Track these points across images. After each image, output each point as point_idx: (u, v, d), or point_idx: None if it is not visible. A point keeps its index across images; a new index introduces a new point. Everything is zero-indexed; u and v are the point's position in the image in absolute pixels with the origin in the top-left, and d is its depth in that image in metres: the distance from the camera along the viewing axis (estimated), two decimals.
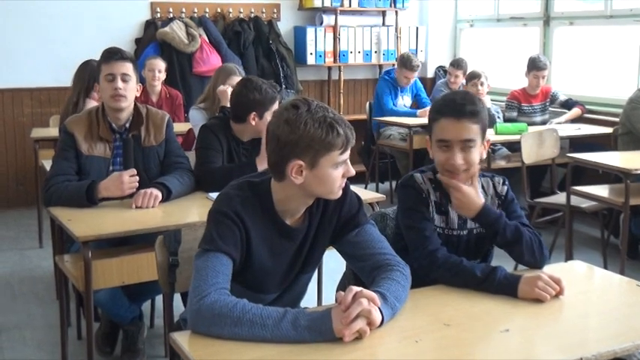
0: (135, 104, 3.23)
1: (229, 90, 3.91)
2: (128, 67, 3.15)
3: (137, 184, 3.05)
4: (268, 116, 3.24)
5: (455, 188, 2.17)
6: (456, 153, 2.14)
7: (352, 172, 1.94)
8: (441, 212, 2.26)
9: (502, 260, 2.25)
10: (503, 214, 2.21)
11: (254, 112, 3.28)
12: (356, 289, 1.72)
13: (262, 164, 3.11)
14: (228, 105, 3.52)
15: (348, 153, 1.90)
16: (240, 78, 4.13)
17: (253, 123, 3.31)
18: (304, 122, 1.84)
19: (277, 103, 3.29)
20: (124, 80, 3.13)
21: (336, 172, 1.90)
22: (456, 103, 2.14)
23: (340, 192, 1.96)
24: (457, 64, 6.69)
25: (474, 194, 2.18)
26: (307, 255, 2.06)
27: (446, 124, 2.14)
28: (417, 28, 7.74)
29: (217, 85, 4.30)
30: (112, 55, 3.15)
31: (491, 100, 6.17)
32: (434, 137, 2.19)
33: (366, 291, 1.72)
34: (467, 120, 2.12)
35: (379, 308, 1.72)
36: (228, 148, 3.35)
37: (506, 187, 2.32)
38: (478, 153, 2.16)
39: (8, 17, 6.18)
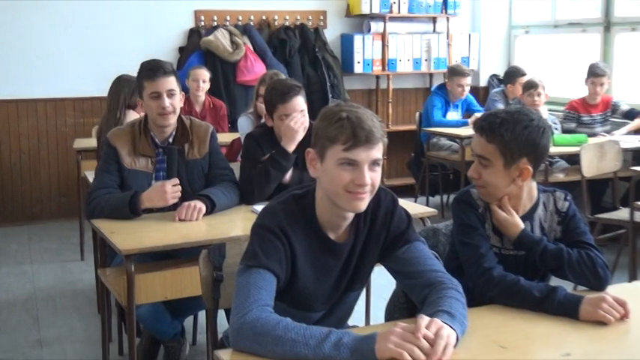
0: (179, 116, 3.26)
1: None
2: (172, 82, 3.17)
3: (180, 193, 3.08)
4: (281, 115, 3.26)
5: (493, 211, 2.22)
6: (474, 165, 2.21)
7: (363, 180, 1.86)
8: (496, 231, 2.24)
9: (562, 279, 2.21)
10: (543, 239, 2.21)
11: (267, 113, 3.34)
12: (427, 319, 1.68)
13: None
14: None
15: (358, 155, 1.84)
16: None
17: (270, 124, 3.34)
18: (322, 115, 1.90)
19: (291, 101, 3.26)
20: (170, 96, 3.16)
21: (342, 172, 1.85)
22: (486, 116, 2.20)
23: (359, 204, 1.89)
24: (519, 72, 6.58)
25: (510, 219, 2.20)
26: (354, 272, 2.05)
27: (475, 137, 2.23)
28: (470, 34, 7.69)
29: (258, 93, 4.34)
30: (154, 71, 3.15)
31: (549, 111, 6.08)
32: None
33: (437, 320, 1.69)
34: (482, 136, 2.16)
35: (450, 326, 1.69)
36: None
37: (567, 203, 2.29)
38: (495, 175, 2.16)
39: (52, 27, 6.34)
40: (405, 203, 2.17)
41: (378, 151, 1.87)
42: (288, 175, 3.30)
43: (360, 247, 2.03)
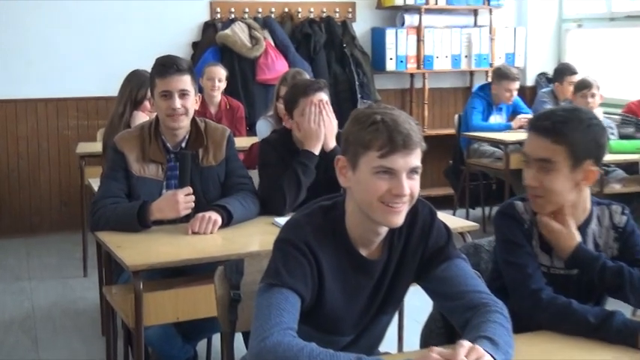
0: (192, 118, 3.28)
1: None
2: (186, 81, 3.19)
3: (193, 203, 3.10)
4: (303, 110, 3.28)
5: (543, 223, 2.19)
6: (531, 172, 2.16)
7: (403, 190, 1.86)
8: (545, 248, 2.23)
9: (620, 303, 2.19)
10: (602, 255, 2.19)
11: (287, 113, 3.36)
12: (468, 344, 1.68)
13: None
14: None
15: (395, 162, 1.84)
16: None
17: (288, 125, 3.36)
18: (353, 117, 1.91)
19: (314, 95, 3.28)
20: (182, 97, 3.17)
21: (378, 181, 1.85)
22: (545, 115, 2.17)
23: (395, 218, 1.89)
24: (569, 71, 6.55)
25: (564, 232, 2.17)
26: (387, 293, 2.05)
27: (529, 138, 2.19)
28: (515, 29, 7.66)
29: (279, 93, 4.36)
30: (166, 68, 3.17)
31: (604, 114, 6.02)
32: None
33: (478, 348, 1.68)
34: (547, 137, 2.12)
35: (493, 355, 1.69)
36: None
37: (625, 217, 2.27)
38: (560, 180, 2.13)
39: (53, 21, 6.40)
40: (442, 216, 2.16)
41: (416, 158, 1.87)
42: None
43: (394, 265, 2.03)
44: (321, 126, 3.27)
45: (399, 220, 1.91)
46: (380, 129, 1.84)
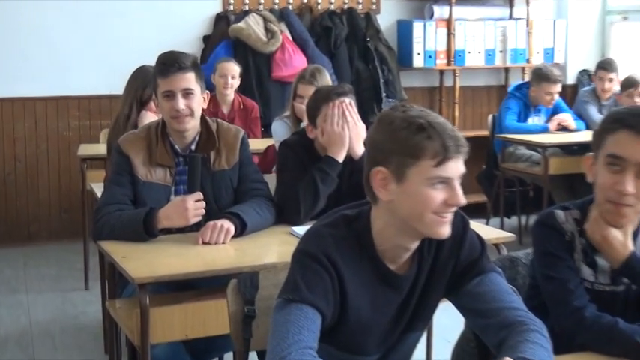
0: (203, 118, 3.29)
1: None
2: (190, 79, 3.19)
3: (204, 211, 3.11)
4: (326, 116, 3.28)
5: (596, 228, 2.16)
6: (627, 177, 2.09)
7: (460, 199, 1.88)
8: (589, 262, 2.22)
9: None
10: None
11: (309, 121, 3.37)
12: None
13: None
14: (305, 122, 3.58)
15: (450, 169, 1.86)
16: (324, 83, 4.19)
17: (312, 136, 3.37)
18: (391, 121, 1.88)
19: (338, 100, 3.29)
20: (186, 96, 3.18)
21: (433, 193, 1.86)
22: (637, 113, 2.11)
23: (446, 229, 1.92)
24: (608, 65, 6.53)
25: (619, 239, 2.15)
26: (416, 308, 2.05)
27: (625, 138, 2.09)
28: (554, 21, 7.64)
29: (296, 91, 4.36)
30: (167, 66, 3.17)
31: None
32: (603, 152, 2.14)
33: None
34: None
35: None
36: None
37: None
38: None
39: (53, 13, 6.42)
40: (475, 226, 2.16)
41: (463, 163, 1.89)
42: None
43: (424, 280, 2.03)
44: (346, 130, 3.27)
45: (449, 230, 1.92)
46: (432, 135, 1.84)
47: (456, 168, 1.86)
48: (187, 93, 3.18)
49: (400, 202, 1.90)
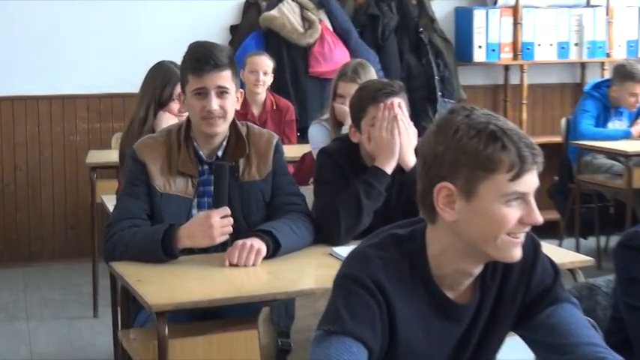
0: (232, 121, 3.29)
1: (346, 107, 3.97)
2: (226, 77, 3.20)
3: (231, 228, 3.11)
4: (372, 119, 3.29)
5: None
6: None
7: (537, 218, 1.88)
8: None
9: None
10: None
11: (353, 124, 3.38)
12: None
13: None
14: (348, 125, 3.59)
15: (527, 183, 1.86)
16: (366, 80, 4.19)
17: (356, 140, 3.37)
18: (456, 128, 1.86)
19: (388, 100, 3.30)
20: (220, 95, 3.19)
21: (509, 211, 1.86)
22: None
23: (518, 251, 1.91)
24: None
25: None
26: (478, 343, 2.04)
27: None
28: (639, 8, 7.58)
29: (336, 90, 4.37)
30: (201, 62, 3.18)
31: None
32: None
33: None
34: None
35: None
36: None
37: None
38: None
39: (58, 1, 6.47)
40: (546, 247, 2.15)
41: None
42: None
43: (488, 310, 2.02)
44: (396, 136, 3.27)
45: (521, 252, 1.92)
46: (506, 144, 1.83)
47: (532, 181, 1.86)
48: (222, 92, 3.19)
49: (468, 222, 1.89)
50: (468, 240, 1.90)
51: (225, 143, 3.29)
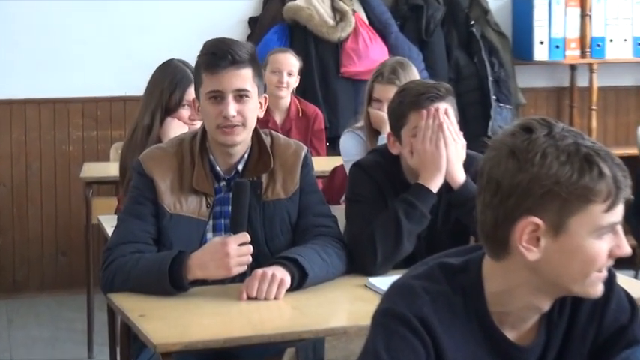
0: (255, 130, 3.30)
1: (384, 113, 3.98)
2: (245, 78, 3.20)
3: (250, 258, 3.11)
4: (409, 136, 3.30)
5: None
6: None
7: (628, 249, 1.88)
8: None
9: None
10: None
11: (392, 133, 3.39)
12: None
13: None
14: (386, 134, 3.60)
15: (619, 212, 1.85)
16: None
17: (395, 151, 3.38)
18: (542, 153, 1.83)
19: (423, 110, 3.30)
20: (239, 99, 3.19)
21: (601, 245, 1.85)
22: None
23: (600, 285, 1.92)
24: None
25: None
26: None
27: None
28: None
29: (372, 94, 4.38)
30: (218, 59, 3.18)
31: None
32: None
33: None
34: None
35: None
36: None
37: None
38: None
39: None
40: (621, 279, 2.13)
41: None
42: None
43: (555, 353, 2.02)
44: (442, 148, 3.26)
45: (602, 287, 1.92)
46: (603, 170, 1.82)
47: (622, 208, 1.86)
48: (241, 95, 3.19)
49: (552, 260, 1.87)
50: (550, 279, 1.89)
51: (246, 156, 3.29)
